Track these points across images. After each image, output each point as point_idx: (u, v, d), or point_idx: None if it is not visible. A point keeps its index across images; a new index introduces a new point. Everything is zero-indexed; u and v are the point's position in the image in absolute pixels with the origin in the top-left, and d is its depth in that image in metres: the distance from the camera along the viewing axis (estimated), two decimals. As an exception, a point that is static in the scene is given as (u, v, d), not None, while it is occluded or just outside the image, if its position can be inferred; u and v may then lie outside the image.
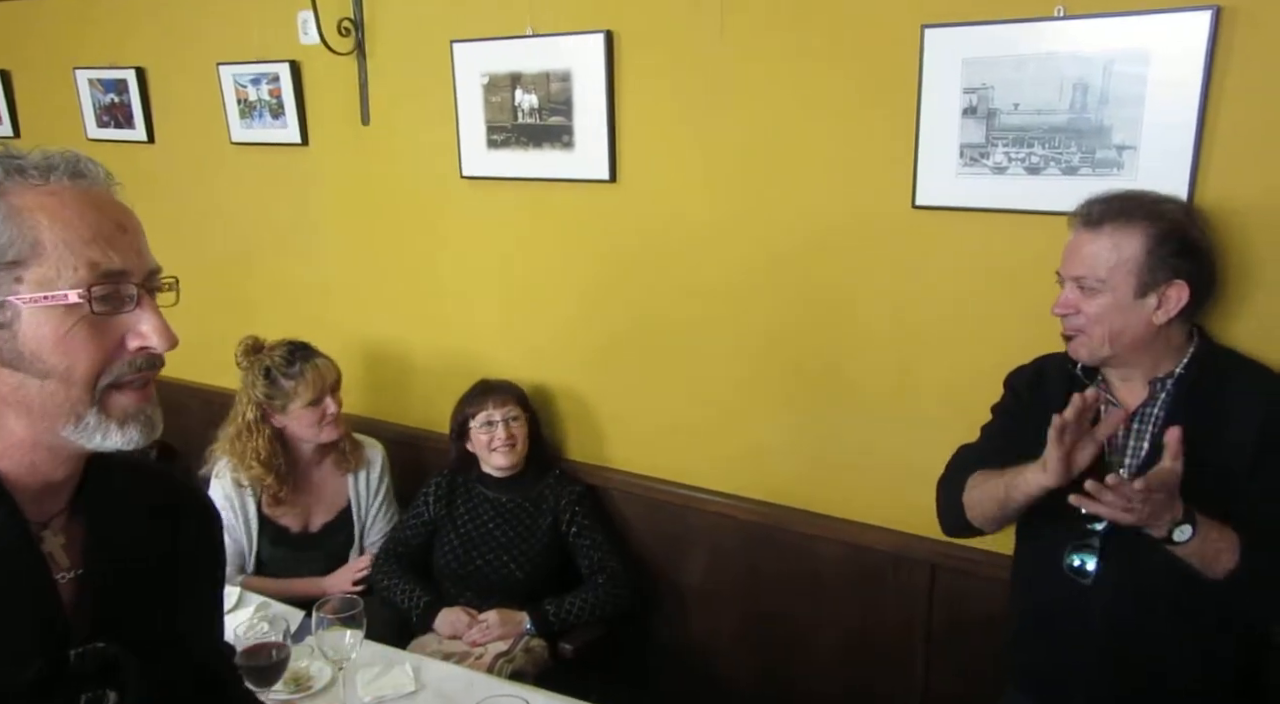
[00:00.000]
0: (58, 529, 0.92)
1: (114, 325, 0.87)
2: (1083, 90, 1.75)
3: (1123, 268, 1.52)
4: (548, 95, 2.34)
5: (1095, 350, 1.57)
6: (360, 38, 2.63)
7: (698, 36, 2.13)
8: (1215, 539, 1.45)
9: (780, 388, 2.24)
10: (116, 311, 0.87)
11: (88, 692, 0.88)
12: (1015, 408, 1.74)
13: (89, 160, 0.91)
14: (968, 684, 2.09)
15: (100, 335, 0.86)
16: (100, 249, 0.85)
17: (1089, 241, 1.55)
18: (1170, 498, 1.41)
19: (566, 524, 2.41)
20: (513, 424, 2.39)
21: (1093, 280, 1.54)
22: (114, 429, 0.88)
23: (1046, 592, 1.65)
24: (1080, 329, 1.57)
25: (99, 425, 0.87)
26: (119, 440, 0.88)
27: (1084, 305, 1.55)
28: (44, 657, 0.85)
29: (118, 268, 0.86)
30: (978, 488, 1.66)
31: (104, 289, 0.85)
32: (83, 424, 0.87)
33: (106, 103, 3.26)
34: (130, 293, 0.88)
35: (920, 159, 1.92)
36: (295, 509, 2.45)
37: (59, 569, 0.90)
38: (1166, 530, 1.43)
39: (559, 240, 2.47)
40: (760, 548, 2.34)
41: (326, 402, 2.37)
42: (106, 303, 0.86)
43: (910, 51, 1.88)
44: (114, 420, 0.88)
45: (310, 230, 2.94)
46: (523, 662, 2.19)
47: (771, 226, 2.15)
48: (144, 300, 0.89)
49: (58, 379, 0.85)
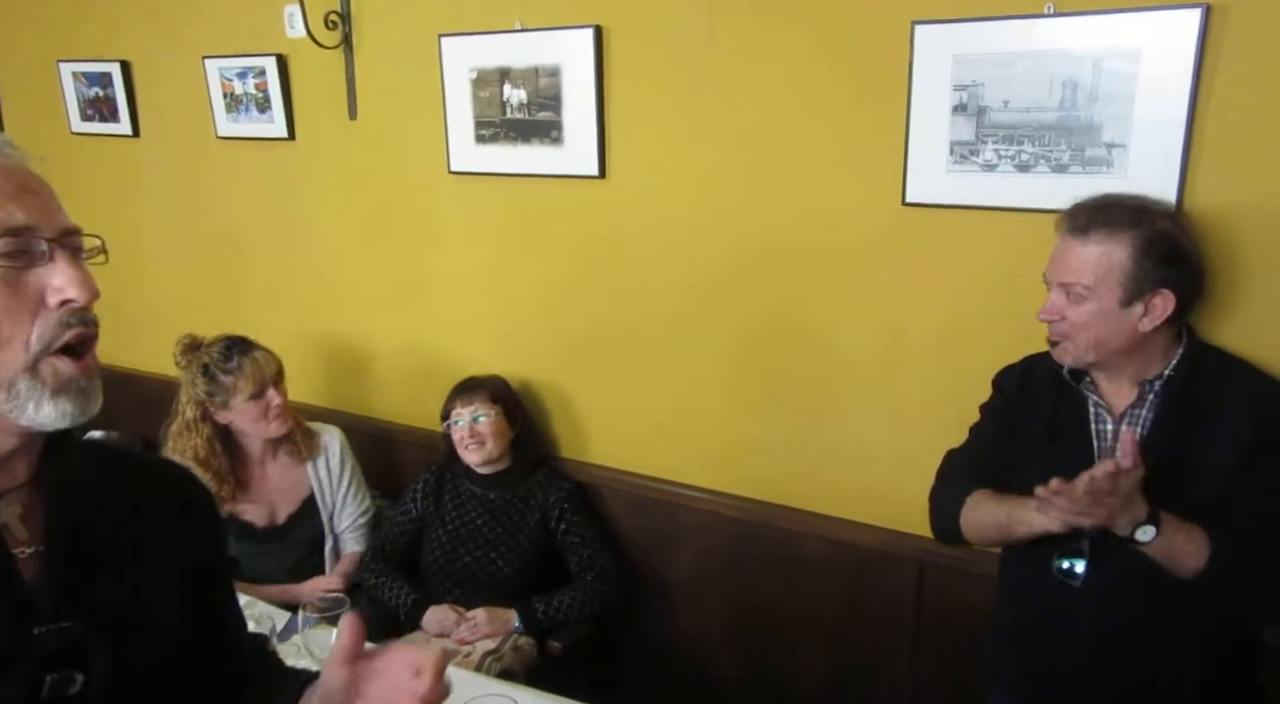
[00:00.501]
0: (13, 500, 0.90)
1: (29, 282, 0.85)
2: (1073, 88, 1.75)
3: (1109, 277, 1.51)
4: (536, 90, 2.33)
5: (1079, 356, 1.57)
6: (347, 31, 2.61)
7: (688, 32, 2.12)
8: (1182, 541, 1.46)
9: (769, 385, 2.24)
10: (28, 267, 0.85)
11: (52, 673, 0.85)
12: (1004, 408, 1.75)
13: None
14: (955, 681, 2.09)
15: (15, 292, 0.84)
16: (0, 205, 0.84)
17: (1076, 248, 1.54)
18: (1129, 499, 1.42)
19: (555, 521, 2.40)
20: (480, 422, 2.37)
21: (1079, 288, 1.53)
22: (46, 399, 0.85)
23: (1035, 594, 1.65)
24: (1065, 335, 1.57)
25: (30, 393, 0.85)
26: (51, 412, 0.86)
27: (1069, 312, 1.55)
28: (6, 634, 0.83)
29: (20, 222, 0.84)
30: (977, 510, 1.65)
31: (7, 244, 0.83)
32: (14, 392, 0.84)
33: (91, 96, 3.23)
34: (40, 248, 0.85)
35: (910, 156, 1.92)
36: (257, 504, 2.43)
37: (16, 543, 0.88)
38: (1129, 531, 1.45)
39: (547, 236, 2.46)
40: (748, 545, 2.34)
41: (270, 394, 2.34)
42: (14, 259, 0.84)
43: (900, 48, 1.88)
44: (47, 389, 0.85)
45: (297, 225, 2.92)
46: (511, 660, 2.19)
47: (761, 223, 2.15)
48: (58, 254, 0.86)
49: None
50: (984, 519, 1.63)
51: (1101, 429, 1.62)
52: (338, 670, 1.00)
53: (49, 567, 0.89)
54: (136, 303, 3.26)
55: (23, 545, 0.89)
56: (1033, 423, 1.68)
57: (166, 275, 3.22)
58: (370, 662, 1.01)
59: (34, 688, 0.85)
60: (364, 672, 1.00)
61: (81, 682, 0.87)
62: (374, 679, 1.00)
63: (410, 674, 1.00)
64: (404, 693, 0.99)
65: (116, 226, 3.25)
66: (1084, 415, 1.63)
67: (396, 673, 1.00)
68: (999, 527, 1.60)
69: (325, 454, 2.51)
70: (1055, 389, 1.66)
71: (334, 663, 1.00)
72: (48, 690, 0.85)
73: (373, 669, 1.01)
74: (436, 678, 1.00)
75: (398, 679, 1.00)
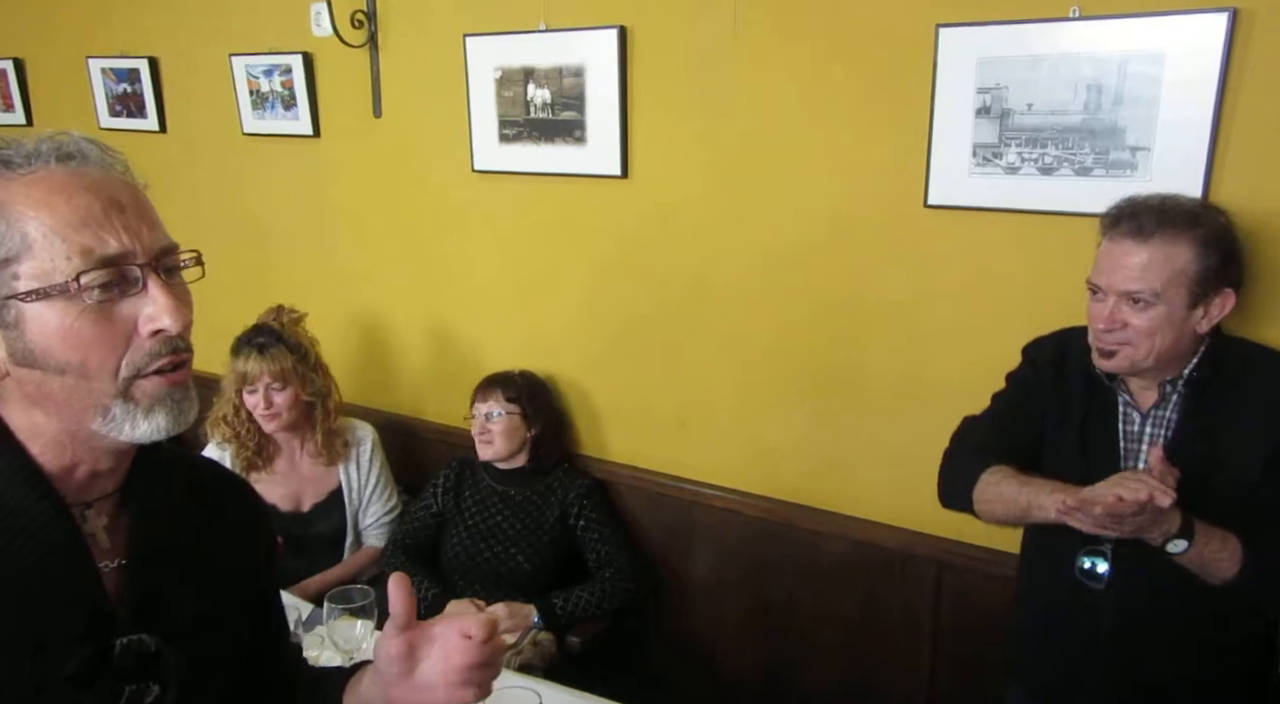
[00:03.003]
0: (100, 512, 0.90)
1: (122, 311, 0.83)
2: (1097, 91, 1.75)
3: (1177, 279, 1.47)
4: (560, 90, 2.34)
5: (1138, 363, 1.52)
6: (373, 30, 2.64)
7: (711, 33, 2.13)
8: (1215, 549, 1.45)
9: (789, 385, 2.24)
10: (122, 297, 0.82)
11: (131, 683, 0.87)
12: (1033, 380, 1.70)
13: (82, 140, 0.85)
14: (973, 682, 2.10)
15: (108, 324, 0.82)
16: (92, 233, 0.80)
17: (1136, 253, 1.48)
18: (1157, 516, 1.39)
19: (574, 518, 2.42)
20: (491, 419, 2.40)
21: (1148, 294, 1.47)
22: (140, 417, 0.85)
23: (1056, 593, 1.65)
24: (1126, 342, 1.51)
25: (125, 415, 0.84)
26: (147, 429, 0.85)
27: (1133, 319, 1.49)
28: (90, 645, 0.84)
29: (114, 251, 0.81)
30: (995, 487, 1.60)
31: (100, 276, 0.80)
32: (110, 416, 0.84)
33: (119, 92, 3.27)
34: (134, 275, 0.83)
35: (933, 158, 1.92)
36: (284, 488, 2.47)
37: (102, 556, 0.89)
38: (1161, 542, 1.43)
39: (570, 235, 2.48)
40: (766, 544, 2.35)
41: (260, 391, 2.37)
42: (107, 289, 0.81)
43: (924, 50, 1.88)
44: (140, 407, 0.84)
45: (322, 223, 2.95)
46: (530, 655, 2.20)
47: (783, 224, 2.15)
48: (150, 281, 0.83)
49: (75, 374, 0.82)
50: (1002, 497, 1.58)
51: (1129, 429, 1.61)
52: (394, 640, 0.99)
53: (130, 580, 0.90)
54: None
55: (107, 558, 0.90)
56: (1062, 408, 1.64)
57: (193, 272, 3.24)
58: (424, 630, 1.01)
59: (114, 699, 0.86)
60: (418, 640, 1.00)
61: (157, 692, 0.88)
62: (428, 647, 1.00)
63: (463, 639, 0.99)
64: (459, 655, 0.99)
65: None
66: (1113, 414, 1.61)
67: (449, 639, 1.00)
68: (1016, 508, 1.55)
69: (357, 450, 2.53)
70: (1088, 380, 1.63)
71: (389, 633, 1.00)
72: (126, 700, 0.87)
73: (427, 637, 1.00)
74: (488, 639, 1.00)
75: (451, 644, 0.99)
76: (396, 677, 1.00)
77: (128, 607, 0.88)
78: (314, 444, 2.47)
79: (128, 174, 0.87)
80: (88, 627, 0.86)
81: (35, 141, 0.83)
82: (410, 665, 1.00)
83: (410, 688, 1.00)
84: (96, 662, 0.85)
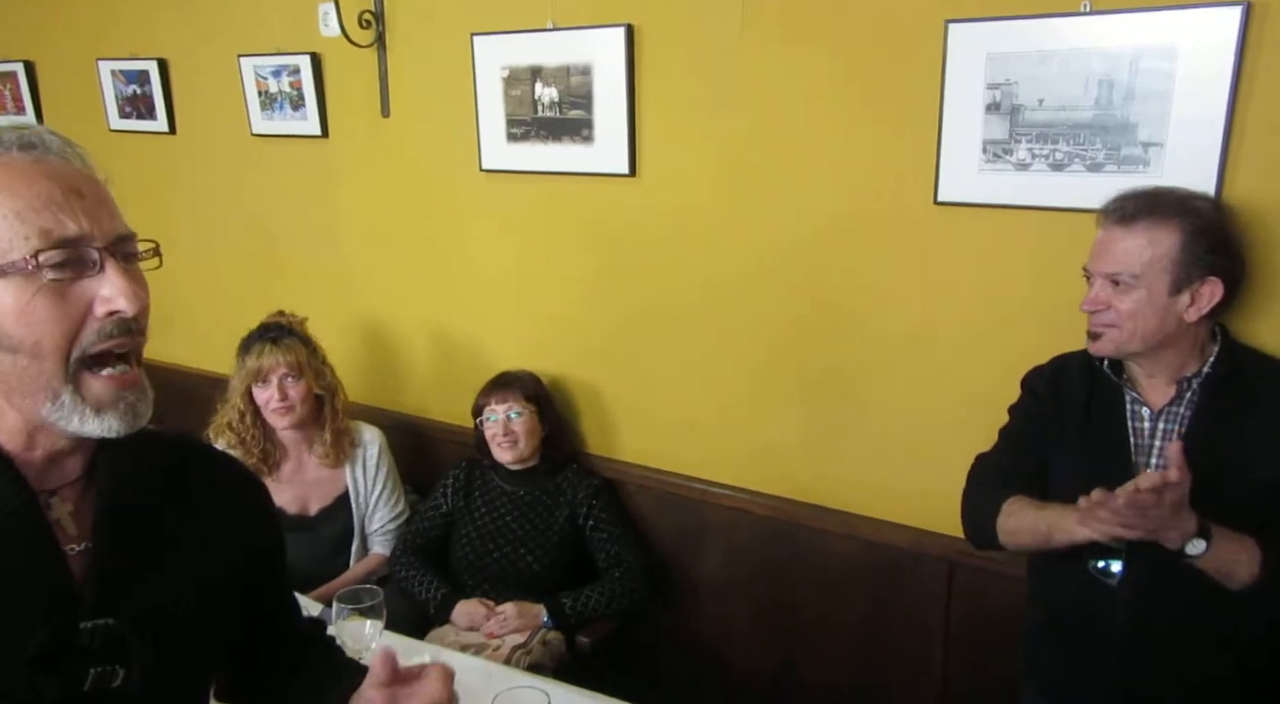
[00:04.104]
0: (66, 497, 0.91)
1: (77, 293, 0.84)
2: (1109, 86, 1.73)
3: (1158, 263, 1.51)
4: (568, 89, 2.34)
5: (1122, 346, 1.56)
6: (381, 30, 2.64)
7: (719, 30, 2.12)
8: (1233, 551, 1.44)
9: (798, 383, 2.23)
10: (77, 277, 0.84)
11: (96, 666, 0.87)
12: (1034, 409, 1.73)
13: (45, 131, 0.87)
14: (986, 682, 2.09)
15: (63, 303, 0.83)
16: (52, 215, 0.82)
17: (1122, 237, 1.53)
18: (1176, 512, 1.39)
19: (583, 517, 2.41)
20: (513, 420, 2.39)
21: (1127, 276, 1.52)
22: (90, 414, 0.86)
23: (1068, 592, 1.64)
24: (1111, 324, 1.55)
25: (74, 408, 0.85)
26: (97, 427, 0.86)
27: (1116, 301, 1.54)
28: (50, 628, 0.84)
29: (72, 233, 0.83)
30: (1014, 518, 1.62)
31: (57, 255, 0.82)
32: (59, 403, 0.85)
33: (129, 94, 3.28)
34: (91, 258, 0.84)
35: (942, 155, 1.91)
36: (290, 492, 2.46)
37: (68, 539, 0.89)
38: (1178, 544, 1.42)
39: (578, 234, 2.47)
40: (776, 543, 2.34)
41: (274, 384, 2.37)
42: (64, 269, 0.83)
43: (933, 46, 1.87)
44: (88, 405, 0.85)
45: (331, 223, 2.95)
46: (540, 654, 2.20)
47: (792, 222, 2.15)
48: (108, 263, 0.85)
49: (28, 353, 0.83)
50: (1023, 527, 1.61)
51: (1138, 426, 1.60)
52: (376, 695, 1.02)
53: (97, 563, 0.90)
54: (171, 299, 3.31)
55: (73, 542, 0.90)
56: (1066, 422, 1.66)
57: (201, 272, 3.26)
58: (407, 686, 1.03)
59: (78, 682, 0.86)
60: (401, 697, 1.02)
61: (123, 676, 0.88)
62: (410, 700, 1.02)
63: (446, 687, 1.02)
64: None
65: (153, 223, 3.25)
66: (1120, 413, 1.62)
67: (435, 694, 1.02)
68: (1038, 535, 1.58)
69: (363, 454, 2.53)
70: (1088, 388, 1.65)
71: (371, 692, 1.03)
72: (91, 684, 0.87)
73: (410, 692, 1.02)
74: None
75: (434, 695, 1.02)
76: None
77: (93, 591, 0.89)
78: (322, 444, 2.47)
79: (87, 166, 0.89)
80: (50, 610, 0.86)
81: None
82: None
83: None
84: (57, 645, 0.85)
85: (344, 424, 2.50)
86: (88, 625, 0.87)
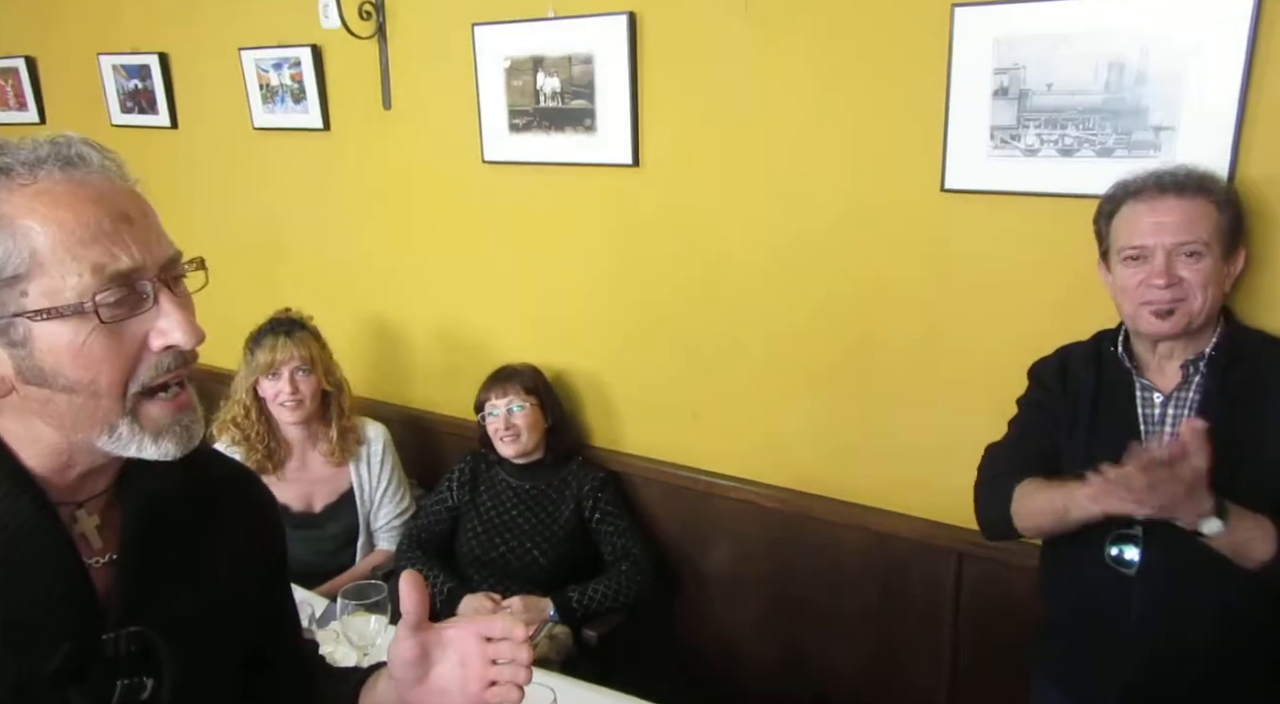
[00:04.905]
0: (93, 510, 0.89)
1: (133, 327, 0.82)
2: (1119, 69, 1.71)
3: (1219, 231, 1.52)
4: (570, 78, 2.32)
5: (1193, 320, 1.53)
6: (381, 21, 2.62)
7: (722, 17, 2.10)
8: (1249, 528, 1.43)
9: (804, 373, 2.22)
10: (133, 313, 0.81)
11: (124, 678, 0.86)
12: (1043, 398, 1.72)
13: (83, 143, 0.83)
14: (997, 673, 2.07)
15: (120, 341, 0.81)
16: (104, 249, 0.78)
17: (1180, 209, 1.52)
18: (1192, 490, 1.37)
19: (589, 511, 2.40)
20: (515, 414, 2.38)
21: (1198, 244, 1.51)
22: (148, 441, 0.84)
23: (1085, 582, 1.62)
24: (1183, 298, 1.52)
25: (133, 437, 0.83)
26: (154, 453, 0.85)
27: (1187, 273, 1.51)
28: (73, 640, 0.83)
29: (126, 267, 0.80)
30: (1029, 499, 1.62)
31: (114, 293, 0.79)
32: (116, 434, 0.83)
33: (130, 89, 3.27)
34: (145, 290, 0.82)
35: (950, 141, 1.89)
36: (295, 488, 2.45)
37: (92, 552, 0.88)
38: (1194, 523, 1.41)
39: (581, 225, 2.46)
40: (784, 535, 2.33)
41: (285, 377, 2.35)
42: (120, 307, 0.80)
43: (940, 31, 1.84)
44: (147, 432, 0.84)
45: (333, 216, 2.94)
46: (547, 649, 2.19)
47: (796, 211, 2.12)
48: (162, 295, 0.82)
49: (84, 392, 0.80)
50: (1038, 507, 1.60)
51: (1148, 413, 1.59)
52: (406, 642, 0.96)
53: (121, 575, 0.89)
54: (176, 293, 3.31)
55: (98, 555, 0.89)
56: (1075, 411, 1.65)
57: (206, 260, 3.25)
58: (438, 632, 0.97)
59: (106, 694, 0.85)
60: (431, 642, 0.96)
61: (151, 687, 0.87)
62: (443, 650, 0.97)
63: (481, 641, 0.95)
64: (478, 660, 0.95)
65: (156, 218, 3.30)
66: (1129, 400, 1.61)
67: (466, 642, 0.95)
68: (1054, 513, 1.56)
69: (368, 450, 2.52)
70: (1096, 376, 1.64)
71: (401, 635, 0.96)
72: (119, 696, 0.86)
73: (440, 640, 0.97)
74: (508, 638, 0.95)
75: (469, 648, 0.95)
76: (411, 681, 0.97)
77: (120, 602, 0.87)
78: (328, 442, 2.46)
79: (126, 178, 0.86)
80: (75, 623, 0.85)
81: (33, 146, 0.81)
82: (424, 669, 0.97)
83: (425, 692, 0.97)
84: (82, 657, 0.84)
85: (349, 422, 2.49)
86: (111, 635, 0.86)
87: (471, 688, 0.95)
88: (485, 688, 0.95)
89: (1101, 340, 1.68)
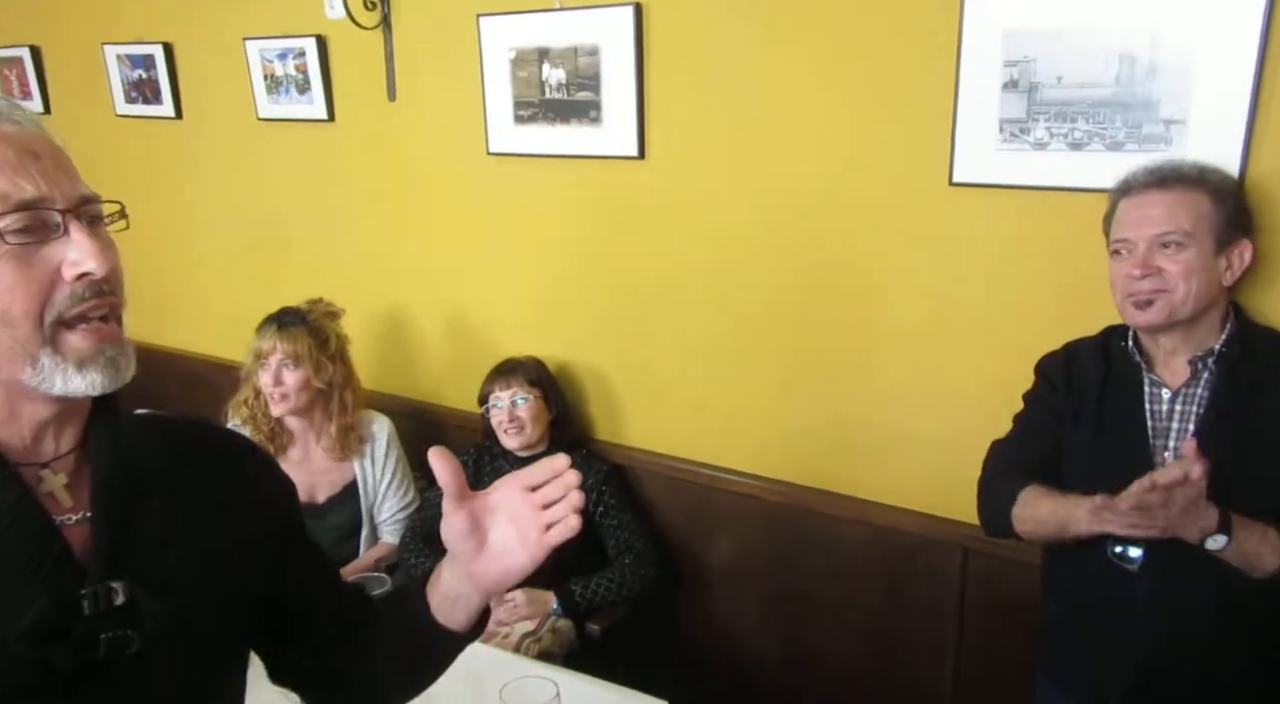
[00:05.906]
0: (59, 469, 0.90)
1: (44, 257, 0.82)
2: (1129, 62, 1.69)
3: (1205, 221, 1.51)
4: (575, 70, 2.30)
5: (1176, 311, 1.52)
6: (386, 12, 2.60)
7: (727, 9, 2.08)
8: (1255, 542, 1.43)
9: (809, 367, 2.21)
10: (41, 242, 0.82)
11: (107, 632, 0.85)
12: (1049, 394, 1.71)
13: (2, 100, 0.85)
14: (1001, 669, 2.06)
15: (29, 268, 0.81)
16: (8, 179, 0.81)
17: (1162, 201, 1.53)
18: (1190, 510, 1.38)
19: (592, 504, 2.40)
20: (518, 406, 2.37)
21: (1179, 235, 1.51)
22: (72, 372, 0.84)
23: (1087, 579, 1.62)
24: (1162, 289, 1.52)
25: (55, 367, 0.84)
26: (80, 384, 0.84)
27: (1167, 264, 1.51)
28: (48, 596, 0.83)
29: (30, 196, 0.81)
30: (1030, 507, 1.61)
31: (17, 219, 0.80)
32: (39, 367, 0.83)
33: (135, 78, 3.26)
34: (54, 220, 0.83)
35: (958, 134, 1.87)
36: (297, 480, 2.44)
37: (62, 511, 0.88)
38: (1198, 539, 1.41)
39: (586, 217, 2.44)
40: (787, 530, 2.32)
41: (271, 368, 2.36)
42: (26, 234, 0.81)
43: (949, 23, 1.83)
44: (70, 362, 0.84)
45: (337, 207, 2.93)
46: (549, 642, 2.19)
47: (803, 203, 2.11)
48: (73, 226, 0.83)
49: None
50: (1039, 518, 1.60)
51: (1156, 409, 1.58)
52: (455, 516, 0.96)
53: (96, 531, 0.88)
54: (179, 283, 3.31)
55: (69, 512, 0.89)
56: (1082, 407, 1.64)
57: (209, 256, 3.25)
58: (484, 500, 0.97)
59: (90, 649, 0.85)
60: (479, 511, 0.97)
61: (139, 640, 0.87)
62: (493, 515, 0.97)
63: (525, 492, 0.95)
64: (528, 510, 0.95)
65: (160, 208, 3.30)
66: (1137, 396, 1.60)
67: (513, 498, 0.96)
68: (1053, 527, 1.57)
69: (371, 445, 2.51)
70: (1103, 372, 1.63)
71: (448, 510, 0.96)
72: (104, 650, 0.85)
73: (488, 507, 0.97)
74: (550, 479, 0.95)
75: (516, 502, 0.96)
76: (471, 553, 0.97)
77: (98, 557, 0.87)
78: (328, 437, 2.45)
79: (42, 131, 0.87)
80: (48, 580, 0.84)
81: None
82: (480, 539, 0.97)
83: (489, 558, 0.97)
84: (59, 613, 0.84)
85: (352, 419, 2.48)
86: (89, 589, 0.85)
87: (530, 538, 0.96)
88: (543, 533, 0.96)
89: (1110, 335, 1.67)
